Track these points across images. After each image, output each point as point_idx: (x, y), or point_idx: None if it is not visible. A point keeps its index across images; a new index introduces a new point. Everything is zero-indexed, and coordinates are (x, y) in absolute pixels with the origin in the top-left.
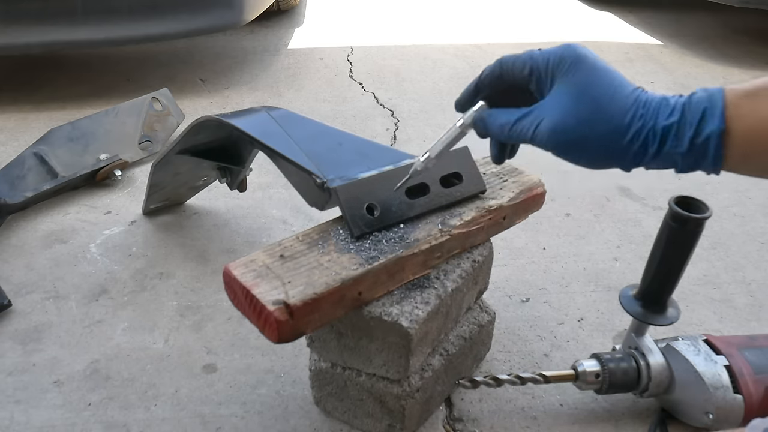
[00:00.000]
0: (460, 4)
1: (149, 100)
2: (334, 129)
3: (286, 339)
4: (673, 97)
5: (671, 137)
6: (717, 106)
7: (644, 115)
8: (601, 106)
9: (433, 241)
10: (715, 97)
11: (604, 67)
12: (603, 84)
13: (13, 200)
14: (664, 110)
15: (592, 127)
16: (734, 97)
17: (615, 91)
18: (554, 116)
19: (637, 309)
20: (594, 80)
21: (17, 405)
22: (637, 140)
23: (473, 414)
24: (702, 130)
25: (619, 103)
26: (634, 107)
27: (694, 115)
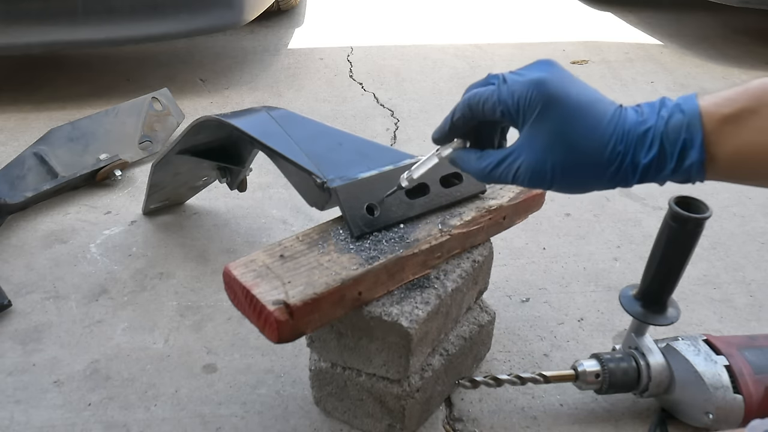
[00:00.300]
0: (460, 4)
1: (149, 100)
2: (334, 129)
3: (286, 339)
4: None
5: (652, 170)
6: (696, 137)
7: (622, 152)
8: (577, 150)
9: (433, 241)
10: (693, 126)
11: (577, 104)
12: (577, 126)
13: (13, 200)
14: (642, 144)
15: (570, 169)
16: (713, 122)
17: (591, 131)
18: (530, 163)
19: (637, 309)
20: (567, 122)
21: (17, 405)
22: (617, 174)
23: (473, 414)
24: (683, 162)
25: (596, 142)
26: (612, 143)
27: (674, 147)
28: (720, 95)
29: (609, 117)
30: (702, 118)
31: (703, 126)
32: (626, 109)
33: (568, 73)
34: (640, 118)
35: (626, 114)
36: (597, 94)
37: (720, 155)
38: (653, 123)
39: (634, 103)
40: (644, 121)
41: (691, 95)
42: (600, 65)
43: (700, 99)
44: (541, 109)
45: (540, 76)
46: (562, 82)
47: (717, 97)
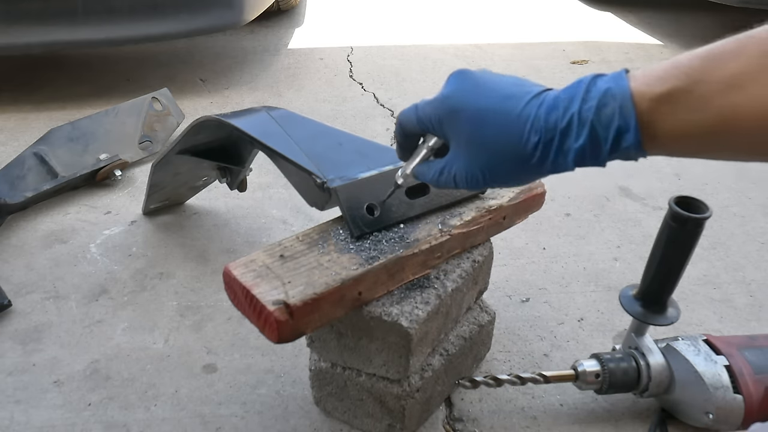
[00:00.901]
0: (460, 4)
1: (149, 100)
2: (334, 129)
3: (286, 339)
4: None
5: (588, 153)
6: (630, 121)
7: (541, 142)
8: (493, 147)
9: (433, 241)
10: (626, 110)
11: (484, 106)
12: (487, 125)
13: (13, 200)
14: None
15: (497, 169)
16: (646, 103)
17: (502, 126)
18: (461, 170)
19: (637, 309)
20: (476, 127)
21: (17, 405)
22: (545, 163)
23: (473, 414)
24: (619, 145)
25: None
26: (527, 131)
27: (607, 132)
28: (651, 74)
29: (519, 110)
30: (634, 99)
31: (635, 108)
32: (547, 95)
33: (478, 80)
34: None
35: (546, 101)
36: (510, 90)
37: (658, 134)
38: (576, 109)
39: None
40: (567, 108)
41: (620, 73)
42: (600, 65)
43: (630, 79)
44: (449, 122)
45: (444, 93)
46: (465, 93)
47: (648, 76)
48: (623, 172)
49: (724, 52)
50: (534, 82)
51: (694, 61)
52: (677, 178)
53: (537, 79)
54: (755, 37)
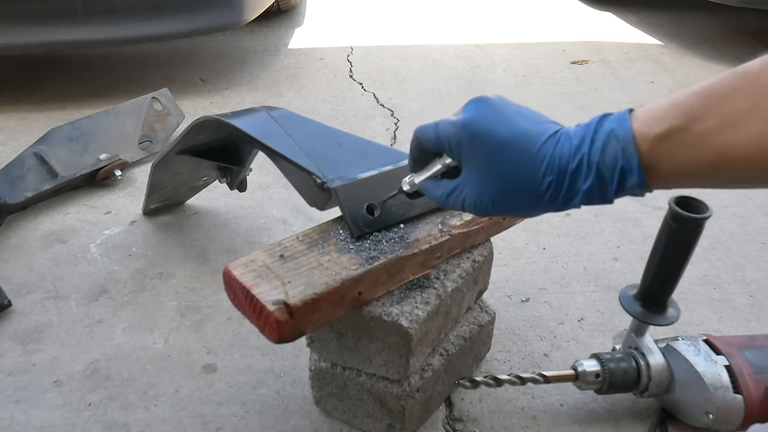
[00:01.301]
0: (460, 4)
1: (149, 100)
2: (334, 129)
3: (286, 339)
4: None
5: (594, 194)
6: (633, 162)
7: (555, 182)
8: (507, 180)
9: (433, 241)
10: (628, 151)
11: (504, 137)
12: (504, 157)
13: (13, 200)
14: (578, 172)
15: (508, 200)
16: (647, 143)
17: (519, 160)
18: (471, 196)
19: (637, 309)
20: (494, 157)
21: (17, 405)
22: (556, 201)
23: (473, 414)
24: (624, 185)
25: (526, 173)
26: (542, 173)
27: (612, 173)
28: (651, 114)
29: (537, 148)
30: (636, 141)
31: (637, 149)
32: (562, 135)
33: (498, 108)
34: (573, 147)
35: (561, 142)
36: (528, 125)
37: (659, 173)
38: (586, 151)
39: (633, 104)
40: (578, 149)
41: (624, 114)
42: (600, 65)
43: (632, 119)
44: (468, 147)
45: (465, 117)
46: (487, 121)
47: (649, 116)
48: None
49: (720, 90)
50: (548, 118)
51: (692, 99)
52: None
53: (537, 79)
54: (749, 73)
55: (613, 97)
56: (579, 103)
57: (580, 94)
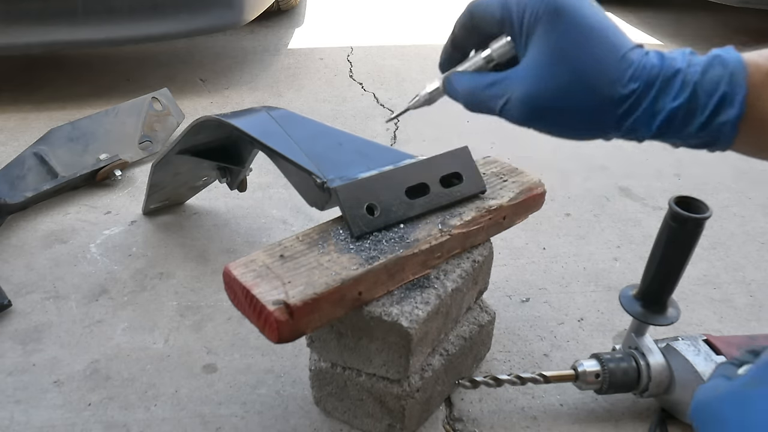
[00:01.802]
0: (460, 4)
1: (149, 100)
2: (334, 129)
3: (286, 339)
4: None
5: (678, 120)
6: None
7: (639, 92)
8: (583, 75)
9: (433, 241)
10: (736, 79)
11: (591, 24)
12: (587, 46)
13: (13, 200)
14: (669, 86)
15: (573, 100)
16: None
17: (603, 56)
18: (527, 86)
19: (637, 309)
20: (575, 42)
21: (17, 405)
22: (628, 118)
23: (473, 414)
24: (716, 117)
25: (608, 72)
26: (628, 76)
27: (709, 98)
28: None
29: (628, 48)
30: (747, 69)
31: (747, 80)
32: (651, 51)
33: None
34: (668, 60)
35: (651, 54)
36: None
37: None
38: (683, 67)
39: None
40: (672, 63)
41: (728, 47)
42: None
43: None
44: (546, 23)
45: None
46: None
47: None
48: (623, 172)
49: None
50: None
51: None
52: (677, 178)
53: None
54: None
55: None
56: None
57: None
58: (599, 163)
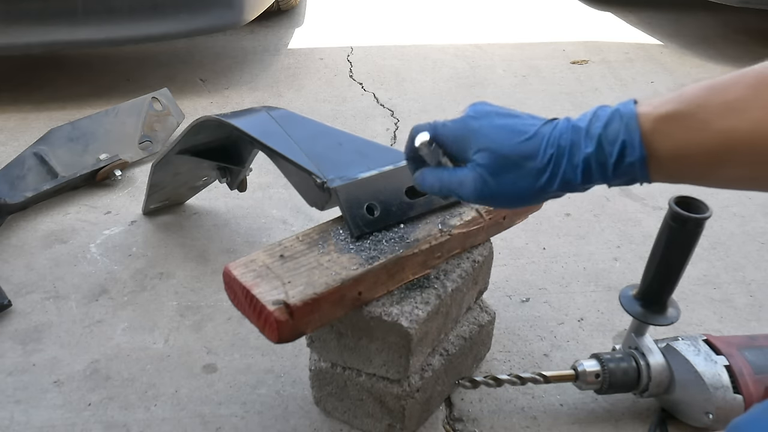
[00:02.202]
0: (460, 4)
1: (149, 100)
2: (334, 129)
3: (286, 339)
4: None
5: (594, 167)
6: (635, 136)
7: (555, 155)
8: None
9: (433, 241)
10: (631, 126)
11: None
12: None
13: (13, 200)
14: (578, 143)
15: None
16: (650, 122)
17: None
18: (471, 183)
19: (637, 309)
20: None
21: (17, 405)
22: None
23: (473, 414)
24: (623, 160)
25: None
26: (543, 147)
27: (612, 146)
28: (655, 100)
29: (537, 127)
30: (639, 118)
31: (640, 126)
32: (560, 120)
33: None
34: (573, 124)
35: (560, 123)
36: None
37: (660, 153)
38: (585, 125)
39: None
40: (577, 124)
41: (629, 101)
42: (600, 65)
43: (637, 104)
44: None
45: (466, 113)
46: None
47: (652, 102)
48: None
49: (724, 82)
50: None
51: (695, 89)
52: None
53: (537, 79)
54: (754, 69)
55: (613, 97)
56: (579, 103)
57: (580, 94)
58: None
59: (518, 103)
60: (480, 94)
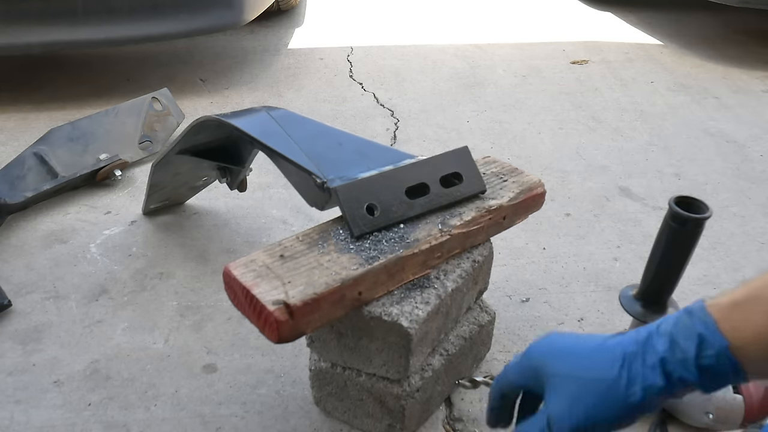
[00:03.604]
0: (460, 4)
1: (149, 100)
2: (334, 129)
3: (286, 339)
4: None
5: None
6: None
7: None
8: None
9: (433, 241)
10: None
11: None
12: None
13: (13, 200)
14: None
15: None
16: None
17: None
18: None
19: (637, 309)
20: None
21: (17, 405)
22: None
23: (473, 414)
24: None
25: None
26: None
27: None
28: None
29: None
30: (708, 309)
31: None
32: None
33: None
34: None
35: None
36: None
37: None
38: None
39: (633, 104)
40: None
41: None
42: (600, 65)
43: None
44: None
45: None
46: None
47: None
48: (623, 172)
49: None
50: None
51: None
52: (677, 178)
53: (537, 79)
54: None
55: (613, 97)
56: (579, 103)
57: (580, 94)
58: (599, 163)
59: (518, 103)
60: (480, 94)
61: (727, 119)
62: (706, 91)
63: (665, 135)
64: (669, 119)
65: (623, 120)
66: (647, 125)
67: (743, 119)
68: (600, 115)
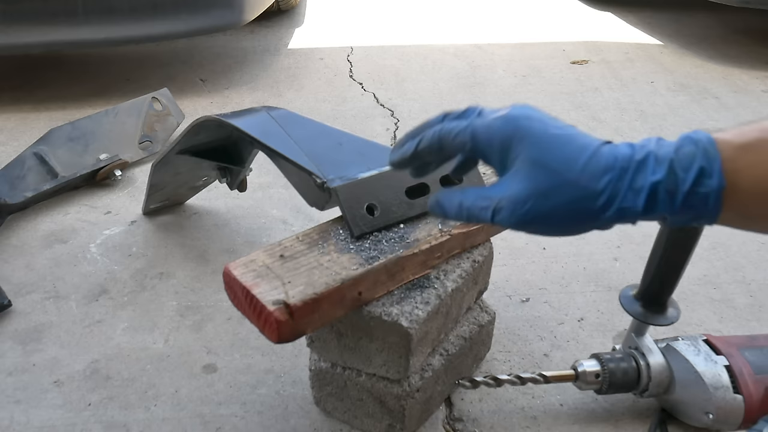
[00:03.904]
0: (460, 4)
1: (149, 100)
2: (334, 129)
3: (286, 339)
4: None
5: (661, 195)
6: (714, 164)
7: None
8: (561, 174)
9: (433, 241)
10: (709, 152)
11: (556, 133)
12: (560, 154)
13: (13, 200)
14: (644, 166)
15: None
16: (730, 150)
17: (576, 158)
18: (513, 197)
19: (637, 309)
20: (547, 150)
21: (17, 405)
22: (611, 206)
23: (473, 414)
24: (698, 189)
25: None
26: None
27: (687, 172)
28: (732, 129)
29: (596, 145)
30: (718, 145)
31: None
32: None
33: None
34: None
35: (620, 146)
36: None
37: (741, 185)
38: (654, 148)
39: (633, 104)
40: (643, 147)
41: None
42: (600, 65)
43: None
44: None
45: (513, 112)
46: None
47: (729, 131)
48: None
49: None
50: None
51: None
52: None
53: (537, 79)
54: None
55: (613, 97)
56: (579, 103)
57: (580, 94)
58: None
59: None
60: (480, 94)
61: (728, 119)
62: (706, 91)
63: (665, 135)
64: (669, 119)
65: (623, 120)
66: (647, 125)
67: (743, 119)
68: (600, 115)
